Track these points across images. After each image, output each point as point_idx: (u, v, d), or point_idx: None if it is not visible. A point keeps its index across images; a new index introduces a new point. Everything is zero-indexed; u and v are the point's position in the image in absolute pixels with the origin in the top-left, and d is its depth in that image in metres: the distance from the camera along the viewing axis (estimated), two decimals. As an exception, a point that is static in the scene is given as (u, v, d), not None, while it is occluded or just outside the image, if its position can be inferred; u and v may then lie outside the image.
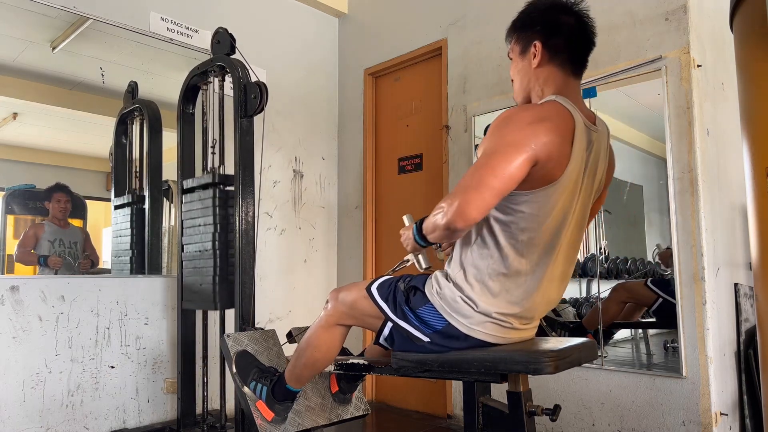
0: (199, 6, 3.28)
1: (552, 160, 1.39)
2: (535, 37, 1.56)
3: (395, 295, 1.66)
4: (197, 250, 2.63)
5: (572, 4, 1.56)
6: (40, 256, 2.71)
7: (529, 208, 1.45)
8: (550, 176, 1.41)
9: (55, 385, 2.59)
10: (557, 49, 1.55)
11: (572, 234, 1.54)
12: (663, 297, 2.47)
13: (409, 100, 3.64)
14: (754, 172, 1.33)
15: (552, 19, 1.55)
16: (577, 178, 1.47)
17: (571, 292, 2.84)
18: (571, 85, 1.56)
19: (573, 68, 1.56)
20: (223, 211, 2.55)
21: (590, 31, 1.57)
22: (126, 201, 3.01)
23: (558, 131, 1.40)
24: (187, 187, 2.74)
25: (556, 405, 1.48)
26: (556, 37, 1.54)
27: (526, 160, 1.36)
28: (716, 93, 2.55)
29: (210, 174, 2.63)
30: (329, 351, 1.86)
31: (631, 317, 2.62)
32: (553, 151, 1.39)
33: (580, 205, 1.53)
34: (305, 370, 1.90)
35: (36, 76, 2.73)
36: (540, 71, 1.57)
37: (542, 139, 1.37)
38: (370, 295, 1.70)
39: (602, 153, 1.57)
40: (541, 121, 1.41)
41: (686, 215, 2.36)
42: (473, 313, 1.51)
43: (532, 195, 1.43)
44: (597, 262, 2.67)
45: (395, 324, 1.63)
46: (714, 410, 2.26)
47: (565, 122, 1.43)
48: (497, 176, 1.35)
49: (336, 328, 1.84)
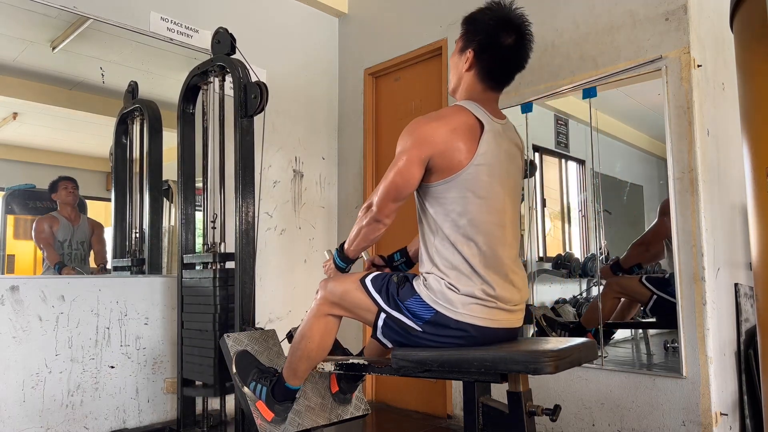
0: (199, 6, 3.28)
1: (450, 149, 1.60)
2: (472, 45, 1.71)
3: (388, 286, 1.72)
4: (197, 329, 2.60)
5: (519, 22, 1.67)
6: (57, 263, 2.73)
7: (454, 193, 1.62)
8: (456, 164, 1.60)
9: (55, 385, 2.59)
10: (484, 65, 1.70)
11: (510, 200, 1.70)
12: (657, 294, 2.48)
13: (409, 100, 3.63)
14: (754, 172, 1.33)
15: (492, 36, 1.67)
16: (493, 161, 1.63)
17: (571, 291, 2.84)
18: (488, 95, 1.73)
19: (493, 84, 1.72)
20: (224, 291, 2.53)
21: (524, 55, 1.70)
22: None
23: (449, 126, 1.61)
24: (187, 262, 2.73)
25: (556, 405, 1.48)
26: (487, 54, 1.69)
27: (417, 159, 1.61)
28: (716, 93, 2.55)
29: (210, 253, 2.63)
30: (322, 341, 1.88)
31: (627, 314, 2.62)
32: (448, 143, 1.59)
33: (511, 185, 1.70)
34: (301, 362, 1.91)
35: (36, 76, 2.73)
36: (467, 74, 1.73)
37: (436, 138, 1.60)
38: (364, 287, 1.76)
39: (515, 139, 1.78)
40: (435, 120, 1.64)
41: (686, 215, 2.36)
42: (457, 296, 1.59)
43: (449, 180, 1.61)
44: (597, 262, 2.66)
45: (388, 314, 1.68)
46: (714, 410, 2.25)
47: (460, 118, 1.63)
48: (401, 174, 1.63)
49: (327, 318, 1.88)
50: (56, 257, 2.73)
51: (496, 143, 1.65)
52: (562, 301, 2.84)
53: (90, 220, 2.90)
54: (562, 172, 2.99)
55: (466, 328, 1.58)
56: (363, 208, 1.78)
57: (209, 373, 2.50)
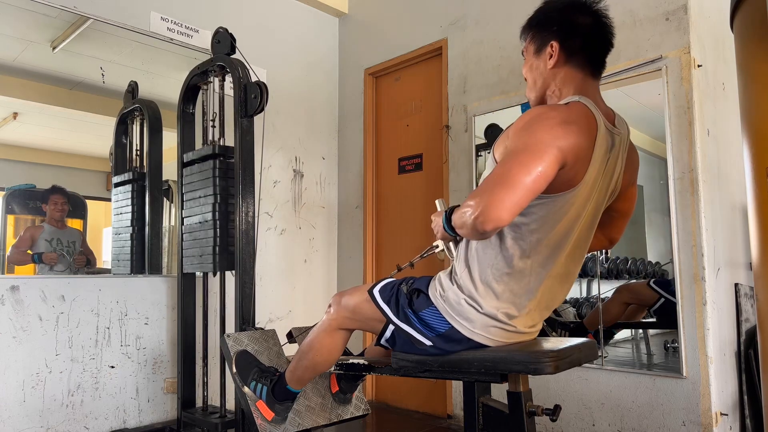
0: (199, 6, 3.28)
1: (577, 165, 1.36)
2: (552, 37, 1.53)
3: (398, 297, 1.64)
4: (197, 221, 2.64)
5: (591, 3, 1.52)
6: (35, 254, 2.70)
7: (543, 211, 1.41)
8: (572, 180, 1.38)
9: (55, 385, 2.59)
10: (574, 50, 1.51)
11: (581, 234, 1.51)
12: (665, 297, 2.47)
13: (409, 100, 3.63)
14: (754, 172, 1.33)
15: (569, 20, 1.51)
16: (594, 181, 1.44)
17: (571, 292, 2.83)
18: (590, 85, 1.53)
19: (591, 69, 1.53)
20: (224, 182, 2.56)
21: (608, 32, 1.53)
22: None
23: (584, 135, 1.37)
24: (187, 159, 2.77)
25: (556, 405, 1.48)
26: (573, 38, 1.51)
27: (556, 160, 1.31)
28: (716, 93, 2.55)
29: (210, 146, 2.64)
30: (331, 355, 1.86)
31: (633, 318, 2.62)
32: (579, 154, 1.36)
33: (593, 206, 1.49)
34: (306, 372, 1.90)
35: (36, 76, 2.73)
36: (556, 71, 1.53)
37: (571, 142, 1.33)
38: (372, 298, 1.69)
39: (621, 153, 1.53)
40: (569, 122, 1.36)
41: (686, 215, 2.36)
42: (477, 315, 1.49)
43: (551, 199, 1.39)
44: (597, 262, 2.66)
45: (397, 327, 1.62)
46: (714, 410, 2.25)
47: (590, 126, 1.40)
48: (530, 173, 1.27)
49: (338, 333, 1.84)
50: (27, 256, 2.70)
51: (601, 162, 1.43)
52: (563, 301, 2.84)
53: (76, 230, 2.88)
54: (562, 172, 2.99)
55: (478, 345, 1.54)
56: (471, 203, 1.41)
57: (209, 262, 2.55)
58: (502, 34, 3.05)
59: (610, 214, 1.66)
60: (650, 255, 2.58)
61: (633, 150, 1.63)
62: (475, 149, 3.16)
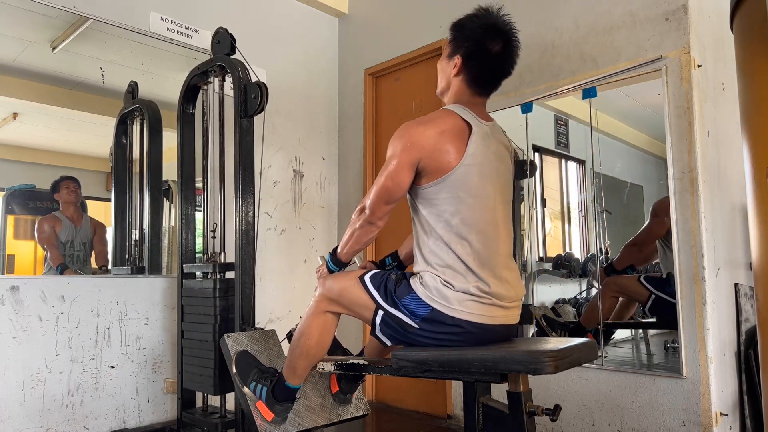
0: (199, 6, 3.28)
1: (439, 151, 1.63)
2: (460, 51, 1.74)
3: (386, 284, 1.74)
4: (197, 339, 2.59)
5: (506, 29, 1.71)
6: (59, 265, 2.73)
7: (445, 194, 1.64)
8: (445, 165, 1.63)
9: (55, 385, 2.59)
10: (472, 71, 1.73)
11: (501, 198, 1.73)
12: (656, 293, 2.48)
13: (409, 100, 3.63)
14: (754, 172, 1.33)
15: (479, 43, 1.71)
16: (483, 156, 1.67)
17: (571, 292, 2.84)
18: (476, 100, 1.76)
19: (480, 90, 1.76)
20: (224, 302, 2.52)
21: (511, 62, 1.74)
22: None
23: (437, 128, 1.64)
24: (187, 271, 2.73)
25: (556, 405, 1.48)
26: (475, 61, 1.72)
27: (408, 163, 1.65)
28: (716, 93, 2.55)
29: (210, 263, 2.61)
30: (321, 338, 1.89)
31: (625, 313, 2.62)
32: (436, 146, 1.63)
33: (501, 184, 1.73)
34: (300, 360, 1.91)
35: (36, 76, 2.73)
36: (455, 80, 1.77)
37: (423, 142, 1.63)
38: (363, 284, 1.78)
39: (502, 140, 1.80)
40: (422, 124, 1.67)
41: (686, 215, 2.36)
42: (452, 293, 1.61)
43: (441, 182, 1.64)
44: (597, 262, 2.67)
45: (386, 312, 1.70)
46: (714, 410, 2.25)
47: (448, 121, 1.67)
48: (390, 178, 1.69)
49: (326, 315, 1.89)
50: (59, 258, 2.73)
51: (484, 144, 1.69)
52: (562, 301, 2.84)
53: (93, 220, 2.89)
54: (562, 172, 2.99)
55: (462, 324, 1.60)
56: (356, 212, 1.80)
57: (209, 384, 2.49)
58: (502, 34, 3.05)
59: None
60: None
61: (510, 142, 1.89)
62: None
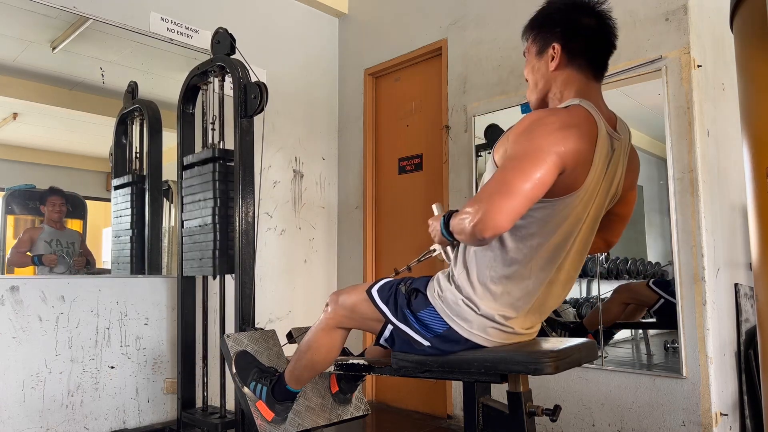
0: (199, 6, 3.28)
1: (577, 169, 1.36)
2: (555, 38, 1.51)
3: (396, 297, 1.64)
4: (197, 225, 2.63)
5: (595, 3, 1.50)
6: (35, 256, 2.70)
7: (543, 215, 1.41)
8: (572, 184, 1.37)
9: (55, 386, 2.59)
10: (576, 53, 1.49)
11: (581, 238, 1.50)
12: (665, 297, 2.47)
13: (409, 100, 3.63)
14: (754, 172, 1.33)
15: (573, 21, 1.49)
16: (596, 186, 1.43)
17: (571, 292, 2.83)
18: (593, 88, 1.51)
19: (593, 72, 1.51)
20: (223, 185, 2.56)
21: (611, 33, 1.51)
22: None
23: (585, 139, 1.36)
24: (187, 162, 2.77)
25: (556, 405, 1.48)
26: (576, 40, 1.49)
27: (555, 166, 1.30)
28: (716, 93, 2.55)
29: (210, 149, 2.64)
30: (329, 353, 1.86)
31: (632, 318, 2.62)
32: (579, 159, 1.35)
33: (594, 210, 1.48)
34: (305, 371, 1.90)
35: (36, 76, 2.73)
36: (558, 74, 1.52)
37: (571, 146, 1.33)
38: (371, 298, 1.70)
39: (621, 158, 1.52)
40: (569, 127, 1.35)
41: (686, 215, 2.36)
42: (475, 316, 1.50)
43: (551, 203, 1.39)
44: (597, 262, 2.66)
45: (395, 327, 1.63)
46: (714, 410, 2.25)
47: (591, 130, 1.38)
48: (529, 180, 1.27)
49: (336, 331, 1.84)
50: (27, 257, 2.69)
51: (602, 165, 1.42)
52: (563, 301, 2.84)
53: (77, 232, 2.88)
54: (562, 172, 2.99)
55: (476, 345, 1.54)
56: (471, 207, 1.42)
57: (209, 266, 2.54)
58: (502, 35, 3.05)
59: (609, 217, 1.65)
60: (650, 255, 2.58)
61: (634, 154, 1.62)
62: (475, 149, 3.16)
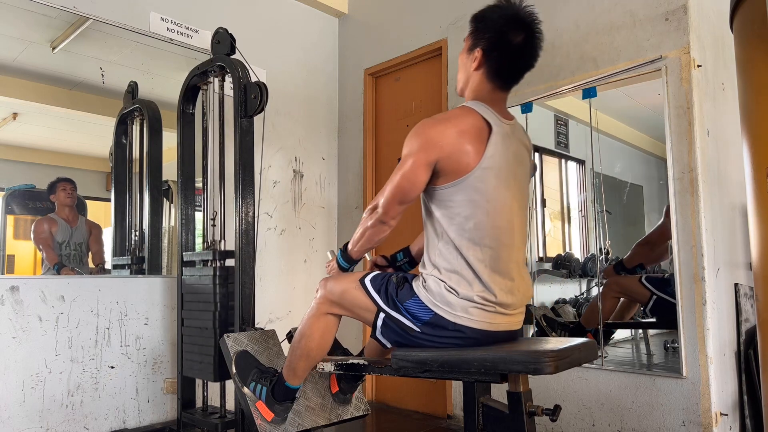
0: (199, 6, 3.28)
1: (455, 154, 1.57)
2: (481, 44, 1.67)
3: (387, 286, 1.72)
4: (197, 326, 2.59)
5: (529, 20, 1.64)
6: (56, 264, 2.73)
7: (461, 197, 1.59)
8: (463, 167, 1.58)
9: (55, 386, 2.59)
10: (494, 63, 1.66)
11: (520, 215, 1.68)
12: (657, 294, 2.48)
13: (409, 100, 3.63)
14: (754, 172, 1.33)
15: (501, 34, 1.64)
16: (501, 163, 1.61)
17: (571, 292, 2.84)
18: (496, 95, 1.70)
19: (501, 84, 1.69)
20: (224, 289, 2.52)
21: (533, 54, 1.67)
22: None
23: (456, 128, 1.59)
24: (187, 260, 2.73)
25: (556, 405, 1.48)
26: (497, 53, 1.65)
27: (425, 164, 1.59)
28: (716, 93, 2.55)
29: (210, 251, 2.61)
30: (322, 339, 1.88)
31: (626, 313, 2.62)
32: (452, 145, 1.57)
33: (518, 188, 1.67)
34: (300, 361, 1.91)
35: (36, 76, 2.73)
36: (476, 74, 1.70)
37: (439, 141, 1.57)
38: (363, 287, 1.76)
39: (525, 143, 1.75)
40: (438, 124, 1.62)
41: (686, 215, 2.36)
42: (456, 299, 1.59)
43: (457, 185, 1.59)
44: (597, 262, 2.67)
45: (387, 314, 1.69)
46: (714, 410, 2.25)
47: (468, 120, 1.61)
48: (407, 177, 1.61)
49: (327, 317, 1.88)
50: (55, 258, 2.73)
51: (504, 145, 1.63)
52: (562, 301, 2.85)
53: (88, 222, 2.89)
54: (562, 172, 2.99)
55: (463, 330, 1.59)
56: (368, 210, 1.75)
57: (209, 371, 2.49)
58: (502, 35, 3.05)
59: None
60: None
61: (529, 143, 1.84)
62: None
